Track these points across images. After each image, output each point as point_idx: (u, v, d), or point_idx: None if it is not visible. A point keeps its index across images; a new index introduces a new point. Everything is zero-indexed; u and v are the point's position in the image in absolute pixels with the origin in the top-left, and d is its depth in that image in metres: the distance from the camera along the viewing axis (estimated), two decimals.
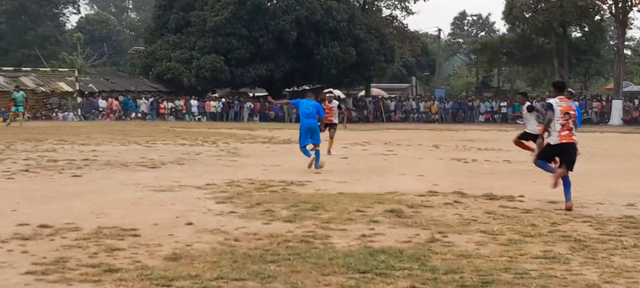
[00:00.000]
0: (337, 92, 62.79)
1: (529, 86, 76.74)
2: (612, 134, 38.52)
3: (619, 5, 53.55)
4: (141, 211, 10.26)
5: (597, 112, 54.29)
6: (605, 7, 56.14)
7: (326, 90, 27.14)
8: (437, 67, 75.78)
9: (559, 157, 11.13)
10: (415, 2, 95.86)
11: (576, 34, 62.55)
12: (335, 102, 19.47)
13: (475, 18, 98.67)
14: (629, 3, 53.42)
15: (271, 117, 53.88)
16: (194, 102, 54.25)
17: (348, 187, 13.31)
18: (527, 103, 17.91)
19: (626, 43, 67.79)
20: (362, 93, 64.58)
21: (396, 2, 65.24)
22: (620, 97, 54.06)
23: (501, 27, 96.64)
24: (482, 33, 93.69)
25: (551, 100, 11.04)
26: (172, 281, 6.31)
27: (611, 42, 67.16)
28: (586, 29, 60.22)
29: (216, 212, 10.21)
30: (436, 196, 12.08)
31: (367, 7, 62.73)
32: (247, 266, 6.88)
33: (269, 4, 56.46)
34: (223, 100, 55.90)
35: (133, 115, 52.66)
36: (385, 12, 65.38)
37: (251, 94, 63.14)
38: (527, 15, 57.73)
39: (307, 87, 61.47)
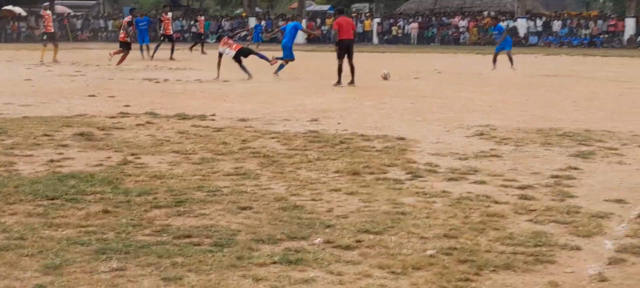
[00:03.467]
0: (17, 10, 58.91)
1: (218, 5, 77.58)
2: (297, 52, 40.29)
3: None
4: None
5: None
6: None
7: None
8: None
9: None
10: None
11: None
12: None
13: None
14: None
15: None
16: None
17: (33, 110, 12.63)
18: None
19: None
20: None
21: None
22: (304, 16, 56.60)
23: None
24: None
25: None
26: None
27: None
28: None
29: None
30: (128, 117, 11.88)
31: None
32: None
33: None
34: None
35: None
36: None
37: None
38: None
39: None
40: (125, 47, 25.50)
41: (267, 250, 5.08)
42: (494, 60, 24.87)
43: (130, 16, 28.17)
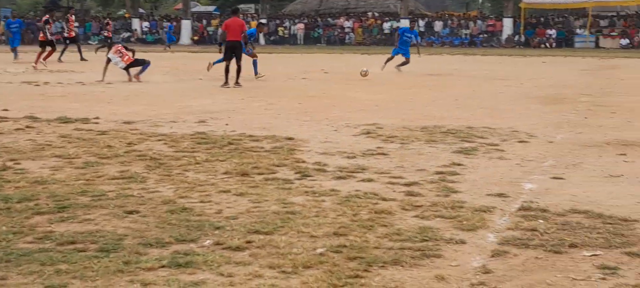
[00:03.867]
0: None
1: (99, 6, 75.86)
2: (182, 53, 39.88)
3: None
4: None
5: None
6: None
7: None
8: None
9: None
10: None
11: None
12: None
13: None
14: None
15: None
16: None
17: None
18: None
19: None
20: None
21: None
22: (189, 18, 56.07)
23: None
24: None
25: None
26: None
27: None
28: None
29: None
30: (6, 122, 11.44)
31: None
32: None
33: None
34: None
35: None
36: None
37: None
38: None
39: None
40: (49, 44, 26.21)
41: (156, 253, 4.98)
42: (388, 60, 25.30)
43: (47, 16, 27.54)
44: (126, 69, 19.87)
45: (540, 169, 8.24)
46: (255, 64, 21.18)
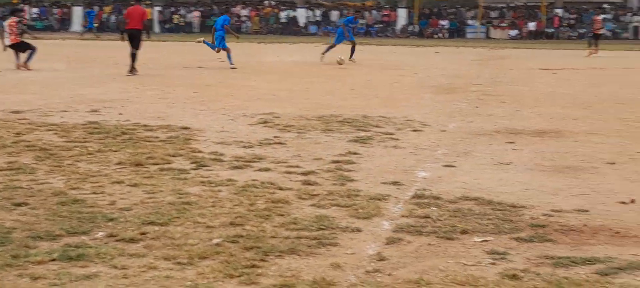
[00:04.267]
0: None
1: None
2: (74, 41, 38.85)
3: None
4: None
5: (58, 18, 54.29)
6: None
7: None
8: None
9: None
10: None
11: None
12: None
13: None
14: None
15: None
16: None
17: None
18: None
19: None
20: None
21: None
22: (80, 4, 54.63)
23: None
24: None
25: None
26: None
27: None
28: None
29: None
30: None
31: None
32: None
33: None
34: None
35: None
36: None
37: None
38: None
39: None
40: None
41: (46, 247, 4.84)
42: (329, 48, 25.38)
43: None
44: (11, 47, 19.53)
45: (433, 157, 8.42)
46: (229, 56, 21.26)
